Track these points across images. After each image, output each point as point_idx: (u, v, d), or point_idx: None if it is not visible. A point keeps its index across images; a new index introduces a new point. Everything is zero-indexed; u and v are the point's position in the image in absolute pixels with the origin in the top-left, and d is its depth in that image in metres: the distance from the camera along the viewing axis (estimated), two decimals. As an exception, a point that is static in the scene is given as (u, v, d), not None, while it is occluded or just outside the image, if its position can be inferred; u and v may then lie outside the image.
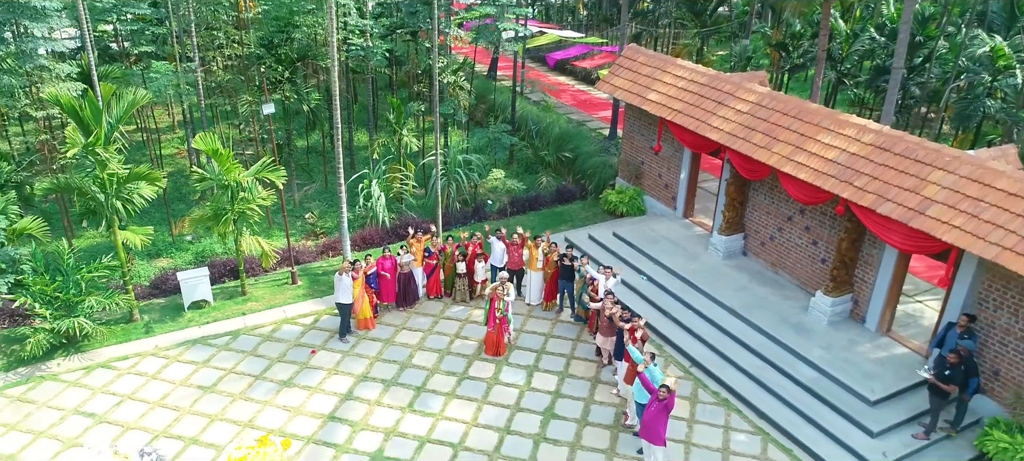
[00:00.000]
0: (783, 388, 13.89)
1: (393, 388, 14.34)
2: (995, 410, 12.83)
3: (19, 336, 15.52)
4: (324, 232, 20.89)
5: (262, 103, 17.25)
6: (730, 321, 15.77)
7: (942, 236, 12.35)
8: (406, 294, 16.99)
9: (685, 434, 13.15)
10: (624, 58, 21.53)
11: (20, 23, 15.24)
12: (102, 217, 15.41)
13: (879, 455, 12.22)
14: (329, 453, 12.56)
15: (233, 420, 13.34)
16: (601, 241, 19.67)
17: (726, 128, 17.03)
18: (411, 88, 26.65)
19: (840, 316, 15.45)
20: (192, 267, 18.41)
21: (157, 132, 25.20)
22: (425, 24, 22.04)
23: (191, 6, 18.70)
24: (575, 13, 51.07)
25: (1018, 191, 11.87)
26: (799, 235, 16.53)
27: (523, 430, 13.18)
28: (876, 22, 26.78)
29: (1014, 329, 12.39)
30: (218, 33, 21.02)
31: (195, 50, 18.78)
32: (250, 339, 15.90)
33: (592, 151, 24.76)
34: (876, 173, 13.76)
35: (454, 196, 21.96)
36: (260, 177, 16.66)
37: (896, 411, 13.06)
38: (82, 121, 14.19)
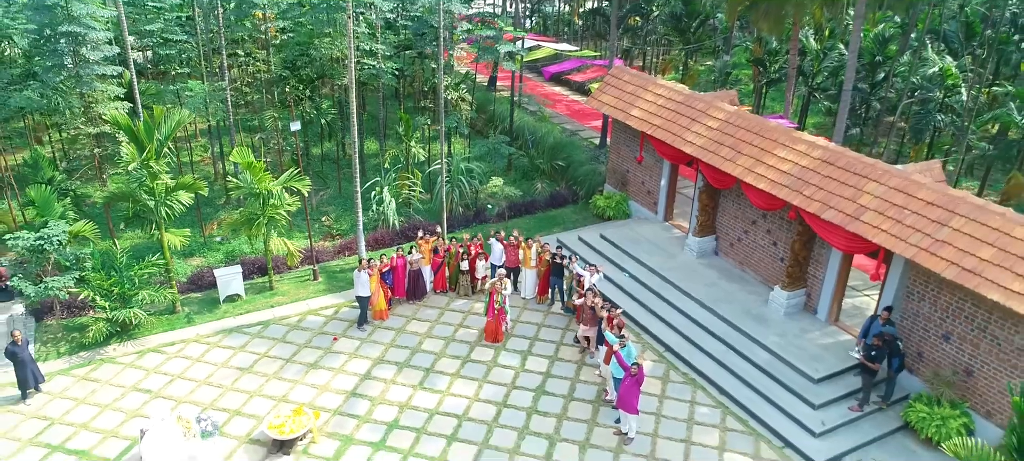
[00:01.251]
0: (742, 369, 16.03)
1: (405, 369, 16.47)
2: (920, 387, 14.97)
3: (78, 325, 17.66)
4: (340, 234, 23.02)
5: (289, 121, 19.39)
6: (700, 312, 17.90)
7: (873, 238, 14.50)
8: (415, 289, 19.14)
9: (656, 407, 15.29)
10: (611, 77, 23.67)
11: (78, 52, 17.34)
12: (150, 221, 17.58)
13: (818, 424, 14.37)
14: (352, 423, 14.70)
15: (269, 396, 15.48)
16: (590, 242, 21.81)
17: (698, 142, 19.17)
18: (417, 101, 28.75)
19: (795, 308, 17.59)
20: (224, 265, 20.53)
21: (187, 140, 27.34)
22: (431, 46, 24.15)
23: (222, 33, 20.82)
24: (570, 24, 53.26)
25: (934, 200, 14.02)
26: (762, 237, 18.67)
27: (518, 404, 15.32)
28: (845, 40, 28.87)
29: (933, 317, 14.53)
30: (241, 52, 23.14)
31: (225, 71, 20.91)
32: (279, 328, 18.04)
33: (583, 160, 26.90)
34: (821, 184, 15.90)
35: (457, 201, 24.07)
36: (287, 186, 18.80)
37: (836, 388, 15.20)
38: (137, 138, 16.35)
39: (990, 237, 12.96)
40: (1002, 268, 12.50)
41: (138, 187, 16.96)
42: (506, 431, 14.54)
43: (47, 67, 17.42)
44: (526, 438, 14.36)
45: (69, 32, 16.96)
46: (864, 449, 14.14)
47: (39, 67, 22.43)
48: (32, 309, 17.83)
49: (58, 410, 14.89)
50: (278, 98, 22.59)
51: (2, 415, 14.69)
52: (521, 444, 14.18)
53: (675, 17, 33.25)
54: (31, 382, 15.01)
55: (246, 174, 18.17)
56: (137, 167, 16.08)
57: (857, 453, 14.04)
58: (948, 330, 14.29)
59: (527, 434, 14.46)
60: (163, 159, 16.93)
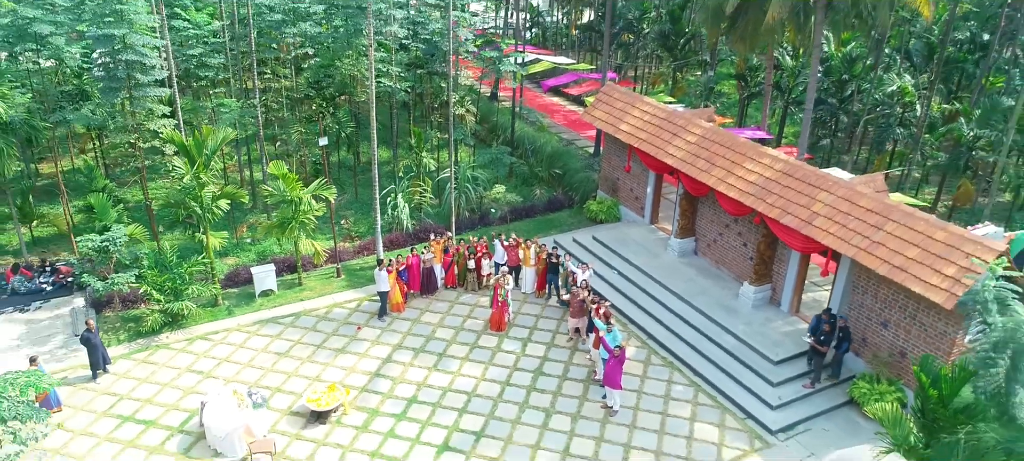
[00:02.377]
0: (713, 353, 18.34)
1: (421, 354, 18.80)
2: (863, 367, 17.28)
3: (133, 316, 19.97)
4: (358, 235, 25.33)
5: (318, 136, 21.72)
6: (678, 305, 20.21)
7: (823, 240, 16.82)
8: (428, 284, 21.46)
9: (638, 386, 17.61)
10: (602, 94, 25.99)
11: (132, 76, 19.67)
12: (197, 225, 19.91)
13: (776, 399, 16.70)
14: (377, 398, 17.02)
15: (304, 376, 17.80)
16: (583, 243, 24.13)
17: (678, 155, 21.48)
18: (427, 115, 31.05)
19: (762, 301, 19.91)
20: (255, 264, 22.83)
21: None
22: (440, 66, 26.46)
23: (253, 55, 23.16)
24: (568, 36, 55.59)
25: (872, 208, 16.34)
26: (734, 239, 21.00)
27: (519, 383, 17.65)
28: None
29: (874, 307, 16.85)
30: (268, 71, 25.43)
31: (256, 90, 23.24)
32: (309, 319, 20.37)
33: (578, 168, 29.22)
34: (781, 193, 18.22)
35: (464, 206, 26.37)
36: (315, 193, 21.12)
37: (792, 368, 17.52)
38: (189, 153, 18.69)
39: (916, 239, 15.29)
40: (924, 265, 14.82)
41: (188, 195, 19.29)
42: (509, 405, 16.86)
43: (106, 89, 19.74)
44: (526, 411, 16.68)
45: (127, 60, 19.30)
46: (814, 420, 16.46)
47: (89, 85, 24.82)
48: (93, 302, 20.15)
49: (125, 388, 17.22)
50: (303, 113, 24.92)
51: (78, 392, 17.02)
52: (522, 416, 16.51)
53: (663, 35, 35.65)
54: (101, 364, 17.33)
55: (280, 183, 20.50)
56: (190, 179, 18.41)
57: (807, 423, 16.36)
58: (886, 318, 16.61)
59: (527, 408, 16.79)
60: (209, 171, 19.26)
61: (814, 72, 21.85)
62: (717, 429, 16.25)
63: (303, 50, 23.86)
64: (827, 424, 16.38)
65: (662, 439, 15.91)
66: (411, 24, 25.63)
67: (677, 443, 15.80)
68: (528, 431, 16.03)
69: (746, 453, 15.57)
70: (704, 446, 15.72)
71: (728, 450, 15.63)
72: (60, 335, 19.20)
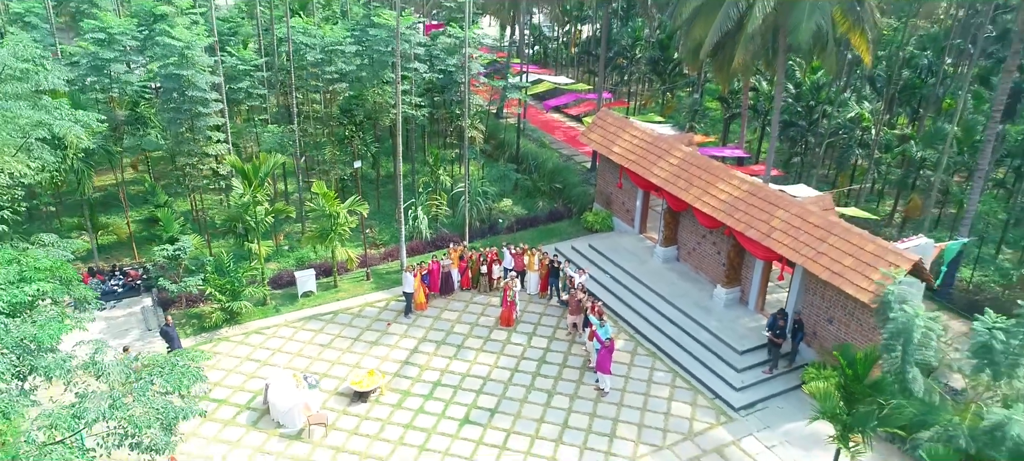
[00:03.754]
0: (689, 345, 21.49)
1: (442, 346, 21.96)
2: (813, 356, 20.44)
3: (195, 313, 23.13)
4: (382, 243, 28.47)
5: (350, 158, 24.91)
6: (661, 304, 23.37)
7: (779, 250, 19.98)
8: (447, 287, 24.64)
9: (626, 372, 20.76)
10: (598, 119, 29.16)
11: (195, 108, 22.87)
12: (246, 234, 23.08)
13: (739, 382, 19.85)
14: (408, 382, 20.17)
15: (346, 363, 20.96)
16: (580, 250, 27.29)
17: (662, 174, 24.64)
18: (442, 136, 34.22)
19: (732, 301, 23.07)
20: (295, 268, 25.98)
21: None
22: (455, 95, 29.60)
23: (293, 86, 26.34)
24: (567, 52, 58.79)
25: (818, 224, 19.50)
26: (709, 248, 24.16)
27: (525, 370, 20.82)
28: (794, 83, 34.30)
29: (822, 306, 20.01)
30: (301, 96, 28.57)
31: (295, 117, 26.42)
32: (346, 316, 23.54)
33: (576, 182, 32.38)
34: (747, 209, 21.39)
35: (475, 217, 29.52)
36: (350, 209, 24.29)
37: (755, 357, 20.68)
38: (247, 176, 21.89)
39: (851, 250, 18.45)
40: (856, 271, 17.99)
41: (244, 211, 22.49)
42: (517, 388, 20.04)
43: (172, 120, 22.91)
44: (532, 393, 19.86)
45: (191, 96, 22.49)
46: (771, 399, 19.62)
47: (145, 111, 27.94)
48: (160, 301, 23.33)
49: (196, 373, 20.39)
50: (335, 135, 28.11)
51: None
52: (528, 397, 19.68)
53: (654, 61, 38.82)
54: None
55: (321, 200, 23.68)
56: (248, 197, 21.62)
57: (765, 402, 19.52)
58: (831, 315, 19.77)
59: (533, 390, 19.97)
60: (264, 191, 22.45)
61: (778, 103, 25.00)
62: (690, 407, 19.42)
63: (337, 85, 27.01)
64: (782, 403, 19.54)
65: (644, 415, 19.09)
66: (429, 57, 28.79)
67: (656, 418, 18.98)
68: (533, 408, 19.21)
69: (713, 426, 18.75)
70: (678, 420, 18.90)
71: (698, 423, 18.81)
72: (136, 329, 22.38)
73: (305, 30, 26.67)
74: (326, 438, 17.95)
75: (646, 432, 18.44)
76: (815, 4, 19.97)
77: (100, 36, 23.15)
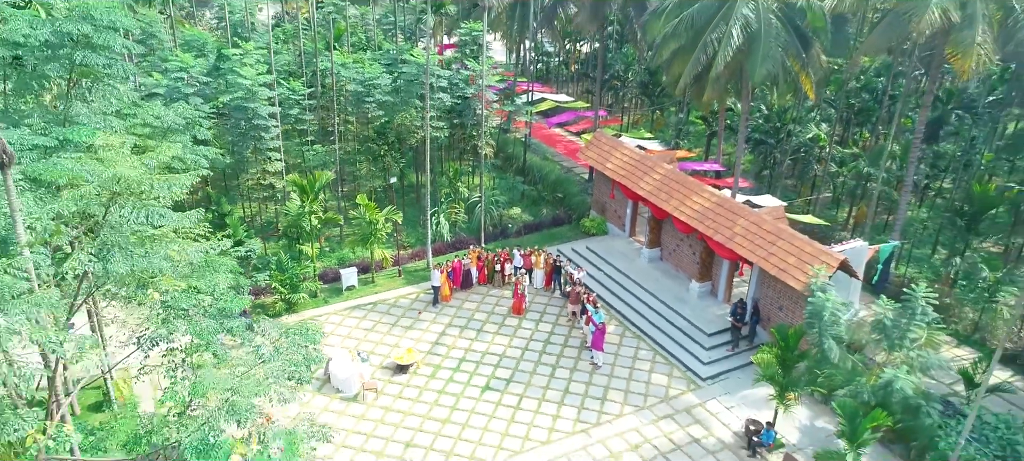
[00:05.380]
0: (668, 329, 25.83)
1: (465, 330, 26.32)
2: (767, 338, 24.77)
3: (259, 304, 27.48)
4: (409, 245, 32.81)
5: (385, 175, 29.31)
6: (646, 296, 27.71)
7: (740, 252, 24.32)
8: (467, 282, 29.02)
9: (615, 350, 25.11)
10: (594, 139, 33.52)
11: (258, 134, 27.27)
12: (299, 237, 27.47)
13: (707, 357, 24.21)
14: (438, 358, 24.50)
15: (387, 344, 25.30)
16: (579, 252, 31.65)
17: (647, 187, 28.98)
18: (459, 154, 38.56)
19: (704, 293, 27.40)
20: (338, 266, 30.31)
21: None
22: (471, 118, 33.96)
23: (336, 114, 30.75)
24: (567, 68, 63.14)
25: (770, 230, 23.83)
26: (686, 249, 28.50)
27: (533, 349, 25.17)
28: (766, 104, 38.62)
29: (774, 296, 24.36)
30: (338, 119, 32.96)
31: (337, 138, 30.82)
32: (384, 306, 27.89)
33: (576, 192, 36.73)
34: (715, 218, 25.73)
35: (488, 222, 33.86)
36: (387, 217, 28.66)
37: (721, 338, 24.99)
38: (304, 190, 26.29)
39: (794, 251, 22.80)
40: (797, 268, 22.33)
41: (302, 219, 26.91)
42: (527, 363, 24.41)
43: (238, 143, 27.32)
44: (539, 366, 24.23)
45: (255, 123, 26.92)
46: (732, 372, 23.94)
47: (206, 131, 32.28)
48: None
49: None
50: (370, 153, 32.53)
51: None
52: (536, 369, 24.05)
53: (644, 84, 43.17)
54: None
55: (363, 209, 28.07)
56: (306, 208, 26.06)
57: (727, 374, 23.83)
58: (781, 304, 24.13)
59: (539, 364, 24.34)
60: (317, 202, 26.85)
61: (743, 127, 29.32)
62: (667, 377, 23.80)
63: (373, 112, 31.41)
64: (740, 374, 23.89)
65: (630, 383, 23.46)
66: (450, 85, 33.16)
67: (639, 386, 23.37)
68: (541, 378, 23.60)
69: (684, 392, 23.12)
70: (657, 387, 23.29)
71: (673, 390, 23.19)
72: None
73: (346, 65, 31.07)
74: (376, 400, 22.35)
75: (631, 396, 22.82)
76: (766, 54, 24.30)
77: (180, 74, 27.56)
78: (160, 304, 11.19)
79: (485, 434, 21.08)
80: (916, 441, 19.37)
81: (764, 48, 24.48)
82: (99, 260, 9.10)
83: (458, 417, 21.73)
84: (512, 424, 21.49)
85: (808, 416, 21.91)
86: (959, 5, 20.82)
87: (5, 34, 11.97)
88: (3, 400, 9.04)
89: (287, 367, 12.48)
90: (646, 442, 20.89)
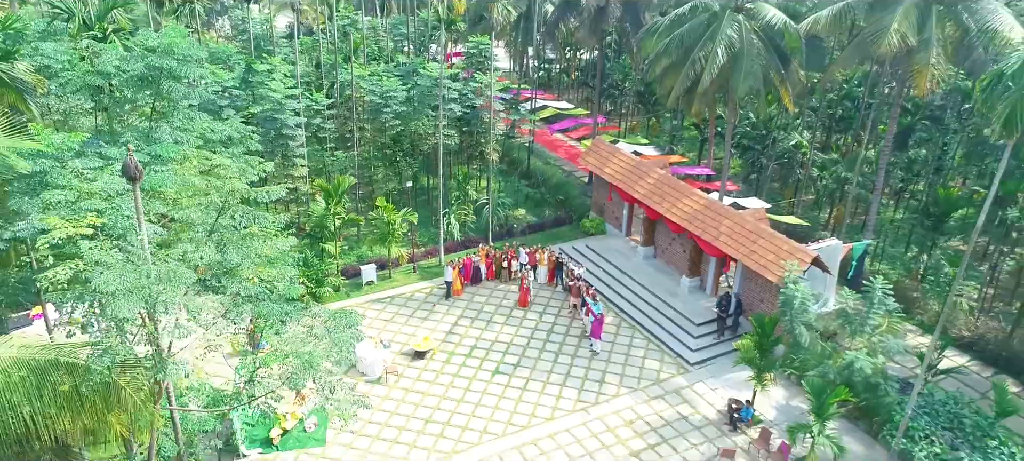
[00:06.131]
0: (660, 320, 28.22)
1: (475, 321, 28.71)
2: (749, 328, 27.16)
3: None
4: (422, 244, 35.19)
5: (400, 180, 31.75)
6: (641, 290, 30.10)
7: (725, 249, 26.71)
8: (476, 277, 31.43)
9: (612, 339, 27.51)
10: (593, 146, 35.92)
11: (285, 142, 29.69)
12: (327, 239, 29.89)
13: (694, 344, 26.61)
14: (452, 346, 26.88)
15: (405, 333, 27.69)
16: (579, 250, 34.04)
17: (642, 191, 31.38)
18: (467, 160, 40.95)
19: (694, 288, 29.79)
20: (357, 263, 32.69)
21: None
22: (479, 127, 36.40)
23: (355, 123, 33.16)
24: (568, 75, 65.56)
25: (751, 230, 26.21)
26: (677, 247, 30.89)
27: (538, 338, 27.57)
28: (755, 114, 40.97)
29: (756, 290, 26.75)
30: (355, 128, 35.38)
31: (356, 144, 33.23)
32: (400, 299, 30.28)
33: (576, 195, 39.12)
34: (703, 219, 28.11)
35: (495, 222, 36.24)
36: (404, 217, 31.07)
37: (708, 328, 27.39)
38: (329, 193, 28.70)
39: (772, 249, 25.19)
40: (774, 264, 24.71)
41: (326, 220, 29.33)
42: (532, 350, 26.81)
43: (267, 150, 29.75)
44: (543, 353, 26.63)
45: (284, 133, 29.36)
46: (717, 358, 26.32)
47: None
48: (261, 288, 30.10)
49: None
50: (386, 159, 34.98)
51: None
52: (541, 356, 26.45)
53: (640, 93, 45.62)
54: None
55: (380, 210, 30.48)
56: (331, 210, 28.48)
57: (713, 359, 26.20)
58: (762, 297, 26.52)
59: (544, 352, 26.74)
60: (342, 204, 29.30)
61: (729, 137, 31.73)
62: (659, 363, 26.20)
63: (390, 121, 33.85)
64: (724, 360, 26.22)
65: (625, 368, 25.88)
66: (460, 96, 35.59)
67: (634, 370, 25.77)
68: (545, 363, 26.01)
69: (674, 375, 25.52)
70: (650, 372, 25.69)
71: (664, 374, 25.59)
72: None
73: (364, 77, 33.50)
74: (398, 382, 24.76)
75: (626, 379, 25.22)
76: (749, 71, 26.69)
77: (217, 88, 29.98)
78: (238, 291, 13.57)
79: (495, 412, 23.48)
80: (878, 416, 21.78)
81: (746, 65, 26.87)
82: (219, 252, 11.41)
83: (471, 397, 24.12)
84: (519, 403, 23.89)
85: (784, 396, 24.31)
86: (916, 30, 23.19)
87: (99, 66, 14.28)
88: (160, 352, 11.30)
89: (337, 343, 14.87)
90: (639, 419, 23.28)
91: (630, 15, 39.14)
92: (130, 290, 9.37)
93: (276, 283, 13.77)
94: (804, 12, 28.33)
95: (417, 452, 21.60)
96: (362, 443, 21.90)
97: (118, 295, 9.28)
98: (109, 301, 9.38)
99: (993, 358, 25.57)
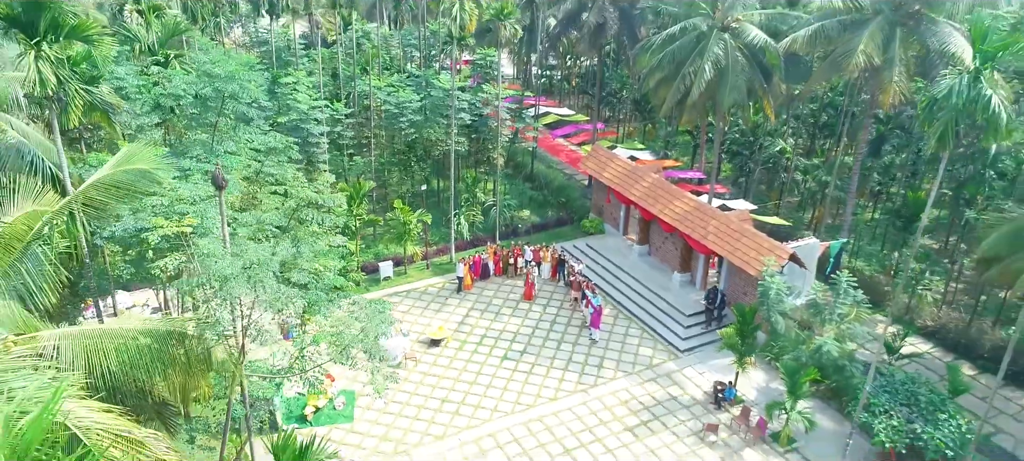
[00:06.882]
0: (653, 312, 30.77)
1: (484, 313, 31.25)
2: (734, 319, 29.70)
3: (312, 291, 32.44)
4: (435, 242, 37.72)
5: (413, 183, 34.31)
6: (636, 285, 32.64)
7: (712, 247, 29.26)
8: (485, 273, 33.97)
9: (610, 329, 30.05)
10: (592, 152, 38.46)
11: (310, 149, 32.25)
12: (348, 238, 32.44)
13: (684, 333, 29.16)
14: (464, 335, 29.40)
15: (421, 323, 30.21)
16: (580, 248, 36.58)
17: (637, 194, 33.91)
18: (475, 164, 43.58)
19: (685, 283, 32.32)
20: (376, 260, 35.22)
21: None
22: (486, 134, 38.97)
23: (373, 128, 35.72)
24: (569, 82, 68.12)
25: (736, 229, 28.75)
26: (670, 245, 33.43)
27: (542, 328, 30.10)
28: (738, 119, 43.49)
29: (740, 284, 29.27)
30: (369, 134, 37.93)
31: (372, 150, 35.78)
32: (415, 293, 32.82)
33: (577, 196, 41.66)
34: (692, 220, 30.64)
35: (501, 222, 38.77)
36: (419, 218, 33.61)
37: (697, 319, 29.96)
38: (351, 196, 31.26)
39: (754, 247, 27.72)
40: (756, 260, 27.27)
41: (348, 221, 31.90)
42: (537, 339, 29.35)
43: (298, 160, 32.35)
44: (547, 342, 29.17)
45: (310, 141, 31.92)
46: (705, 345, 28.88)
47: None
48: (288, 283, 32.68)
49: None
50: (400, 163, 37.56)
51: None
52: (545, 344, 29.00)
53: (636, 101, 48.25)
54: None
55: (397, 211, 33.03)
56: (353, 211, 31.05)
57: (701, 347, 28.74)
58: (746, 290, 29.06)
59: (547, 340, 29.29)
60: (362, 207, 31.86)
61: (718, 143, 34.30)
62: (651, 350, 28.75)
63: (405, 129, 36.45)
64: (711, 348, 28.82)
65: (621, 355, 28.43)
66: (469, 105, 38.16)
67: (629, 357, 28.33)
68: (548, 351, 28.57)
69: (665, 361, 28.06)
70: (644, 358, 28.24)
71: (656, 360, 28.12)
72: (274, 302, 31.72)
73: (380, 88, 36.07)
74: (416, 367, 27.34)
75: (622, 365, 27.78)
76: (734, 85, 29.23)
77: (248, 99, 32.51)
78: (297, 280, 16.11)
79: (504, 393, 26.02)
80: (846, 396, 24.33)
81: (732, 80, 29.40)
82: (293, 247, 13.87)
83: (482, 380, 26.66)
84: (526, 385, 26.43)
85: (764, 379, 26.87)
86: (881, 51, 25.71)
87: (169, 89, 16.72)
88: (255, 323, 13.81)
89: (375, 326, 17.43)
90: (634, 399, 25.83)
91: (627, 29, 41.70)
92: (238, 275, 11.88)
93: (325, 274, 16.24)
94: (785, 30, 30.78)
95: (435, 428, 24.14)
96: (386, 420, 24.44)
97: (230, 279, 11.80)
98: (223, 283, 11.89)
99: (953, 345, 28.12)
